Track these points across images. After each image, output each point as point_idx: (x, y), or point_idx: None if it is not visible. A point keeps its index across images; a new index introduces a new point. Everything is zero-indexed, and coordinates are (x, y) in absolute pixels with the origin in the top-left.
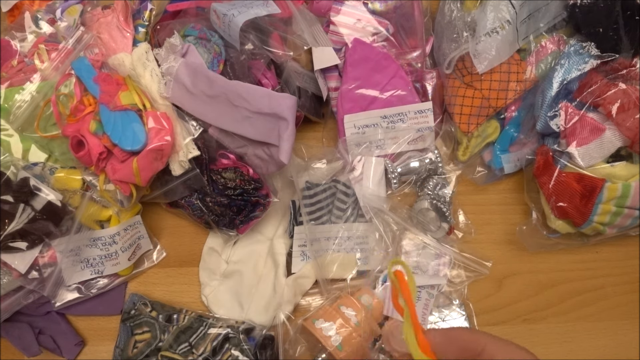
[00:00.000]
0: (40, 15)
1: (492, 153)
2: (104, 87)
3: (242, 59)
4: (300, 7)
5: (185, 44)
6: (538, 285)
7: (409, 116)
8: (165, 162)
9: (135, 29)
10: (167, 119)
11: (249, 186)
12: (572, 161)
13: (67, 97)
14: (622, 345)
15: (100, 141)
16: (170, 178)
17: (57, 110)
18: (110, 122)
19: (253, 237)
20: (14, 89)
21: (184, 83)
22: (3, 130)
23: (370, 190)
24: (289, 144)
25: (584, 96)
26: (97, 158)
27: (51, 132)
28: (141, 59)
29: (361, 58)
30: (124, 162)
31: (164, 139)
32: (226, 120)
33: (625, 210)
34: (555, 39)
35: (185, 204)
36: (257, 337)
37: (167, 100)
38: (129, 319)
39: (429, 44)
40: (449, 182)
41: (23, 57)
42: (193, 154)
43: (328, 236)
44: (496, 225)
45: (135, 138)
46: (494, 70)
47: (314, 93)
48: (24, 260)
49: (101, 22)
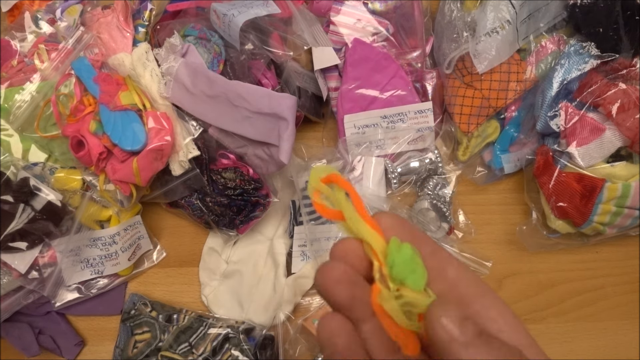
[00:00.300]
0: (40, 15)
1: (492, 153)
2: (104, 87)
3: (242, 59)
4: (300, 7)
5: (185, 44)
6: (538, 285)
7: (409, 116)
8: (165, 162)
9: (135, 29)
10: (167, 119)
11: (249, 186)
12: (572, 161)
13: (67, 97)
14: (622, 345)
15: (100, 141)
16: (170, 178)
17: (57, 110)
18: (110, 122)
19: (253, 237)
20: (14, 89)
21: (184, 83)
22: (3, 130)
23: (370, 190)
24: (289, 144)
25: (584, 96)
26: (97, 158)
27: (51, 132)
28: (141, 59)
29: (361, 58)
30: (124, 162)
31: (164, 139)
32: (226, 120)
33: (625, 210)
34: (555, 39)
35: (185, 204)
36: (257, 337)
37: (167, 100)
38: (129, 319)
39: (429, 44)
40: (449, 182)
41: (23, 57)
42: (193, 154)
43: (328, 236)
44: (496, 225)
45: (135, 138)
46: (494, 70)
47: (314, 93)
48: (24, 260)
49: (101, 22)
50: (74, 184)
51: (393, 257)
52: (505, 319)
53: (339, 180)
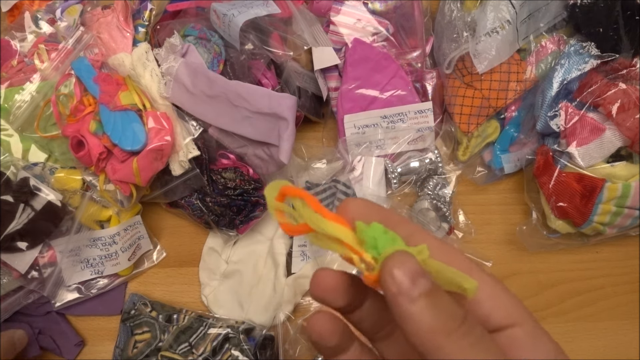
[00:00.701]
0: (40, 15)
1: (492, 153)
2: (104, 87)
3: (242, 59)
4: (300, 7)
5: (185, 44)
6: (538, 285)
7: (409, 116)
8: (165, 162)
9: (135, 29)
10: (167, 119)
11: (248, 186)
12: (572, 161)
13: (67, 97)
14: (622, 345)
15: (100, 141)
16: (170, 178)
17: (57, 110)
18: (110, 122)
19: (253, 237)
20: (14, 89)
21: (184, 83)
22: (3, 130)
23: (370, 190)
24: (289, 144)
25: (584, 96)
26: (97, 158)
27: (51, 132)
28: (141, 59)
29: (361, 58)
30: (124, 162)
31: (164, 139)
32: (226, 120)
33: (626, 210)
34: (555, 39)
35: (185, 204)
36: (257, 337)
37: (167, 100)
38: (129, 319)
39: (429, 44)
40: (449, 182)
41: (23, 57)
42: (193, 153)
43: None
44: (496, 225)
45: (135, 138)
46: (494, 70)
47: (314, 93)
48: (24, 260)
49: (101, 22)
50: (74, 184)
51: (367, 238)
52: (492, 295)
53: (291, 191)
